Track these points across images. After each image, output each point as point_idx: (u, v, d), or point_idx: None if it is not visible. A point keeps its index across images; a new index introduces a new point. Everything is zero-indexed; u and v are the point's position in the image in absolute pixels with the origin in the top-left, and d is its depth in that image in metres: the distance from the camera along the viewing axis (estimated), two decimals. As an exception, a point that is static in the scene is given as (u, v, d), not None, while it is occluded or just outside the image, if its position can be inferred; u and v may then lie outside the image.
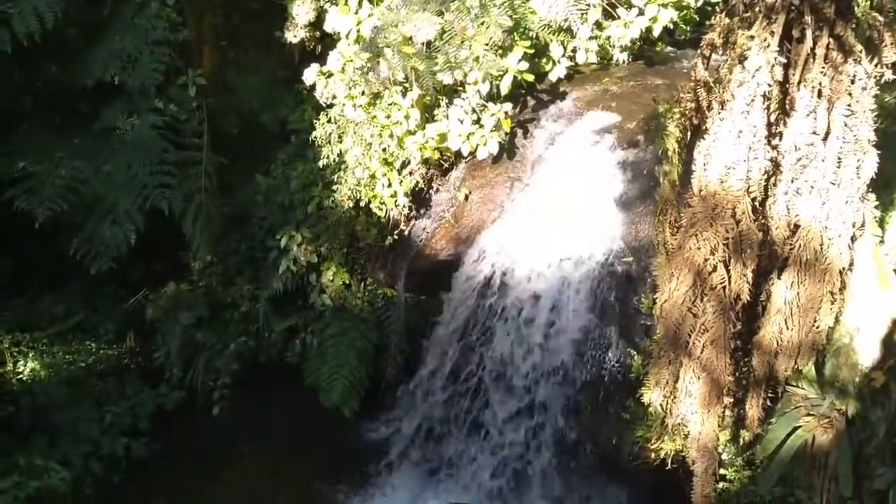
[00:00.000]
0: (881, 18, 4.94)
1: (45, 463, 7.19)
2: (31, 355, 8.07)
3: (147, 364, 8.69)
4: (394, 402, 8.33)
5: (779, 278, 5.33)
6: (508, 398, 7.30)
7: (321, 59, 8.00)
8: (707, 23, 5.65)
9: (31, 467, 7.10)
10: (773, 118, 5.14)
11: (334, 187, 8.07)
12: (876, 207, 5.30)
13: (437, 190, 8.02)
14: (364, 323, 8.35)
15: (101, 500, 7.54)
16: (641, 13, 7.76)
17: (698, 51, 5.42)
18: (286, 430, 8.39)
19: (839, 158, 5.02)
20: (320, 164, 8.08)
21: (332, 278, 8.26)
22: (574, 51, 7.92)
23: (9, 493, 6.73)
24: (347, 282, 8.36)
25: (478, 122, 7.45)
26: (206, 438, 8.34)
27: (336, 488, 7.82)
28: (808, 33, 4.91)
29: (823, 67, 4.93)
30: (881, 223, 5.40)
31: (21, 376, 7.90)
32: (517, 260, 7.17)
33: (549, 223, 7.08)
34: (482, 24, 6.86)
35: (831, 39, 4.91)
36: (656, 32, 7.94)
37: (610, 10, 7.82)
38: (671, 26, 7.96)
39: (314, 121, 8.18)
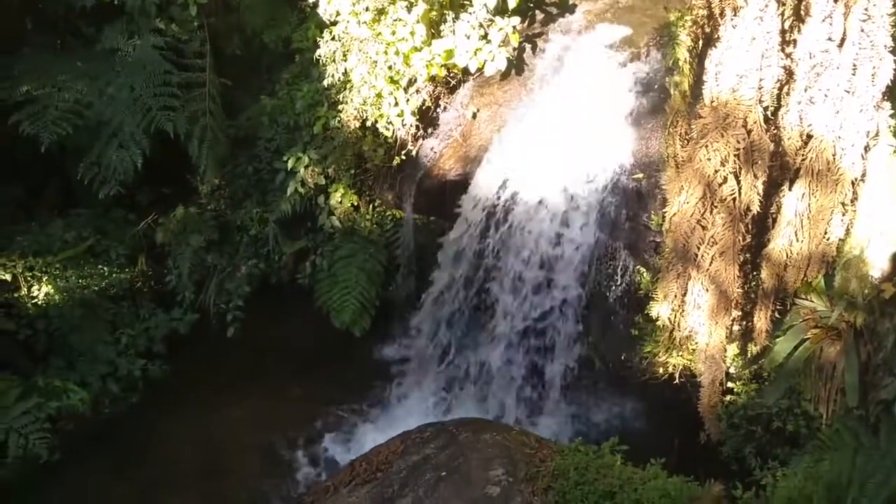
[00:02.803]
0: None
1: (63, 384, 7.34)
2: (44, 280, 8.12)
3: (159, 287, 8.76)
4: (404, 321, 8.41)
5: (790, 189, 5.28)
6: (519, 315, 7.35)
7: (324, -25, 7.78)
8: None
9: (50, 388, 7.25)
10: (787, 25, 5.01)
11: (340, 107, 7.94)
12: (891, 116, 5.18)
13: (445, 108, 7.90)
14: (373, 244, 8.36)
15: (120, 419, 7.74)
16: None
17: (712, -45, 5.26)
18: (298, 351, 8.52)
19: (854, 65, 4.90)
20: (325, 83, 7.94)
21: (340, 200, 8.21)
22: (584, -39, 7.69)
23: (30, 412, 6.90)
24: (356, 203, 8.32)
25: (485, 37, 7.28)
26: (220, 359, 8.47)
27: (349, 405, 7.98)
28: (826, -67, 4.74)
29: (841, -31, 4.77)
30: (896, 133, 5.30)
31: (36, 300, 7.98)
32: (527, 177, 7.12)
33: (558, 139, 7.00)
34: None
35: (849, -61, 4.74)
36: (670, -61, 7.68)
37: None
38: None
39: (318, 39, 8.00)
